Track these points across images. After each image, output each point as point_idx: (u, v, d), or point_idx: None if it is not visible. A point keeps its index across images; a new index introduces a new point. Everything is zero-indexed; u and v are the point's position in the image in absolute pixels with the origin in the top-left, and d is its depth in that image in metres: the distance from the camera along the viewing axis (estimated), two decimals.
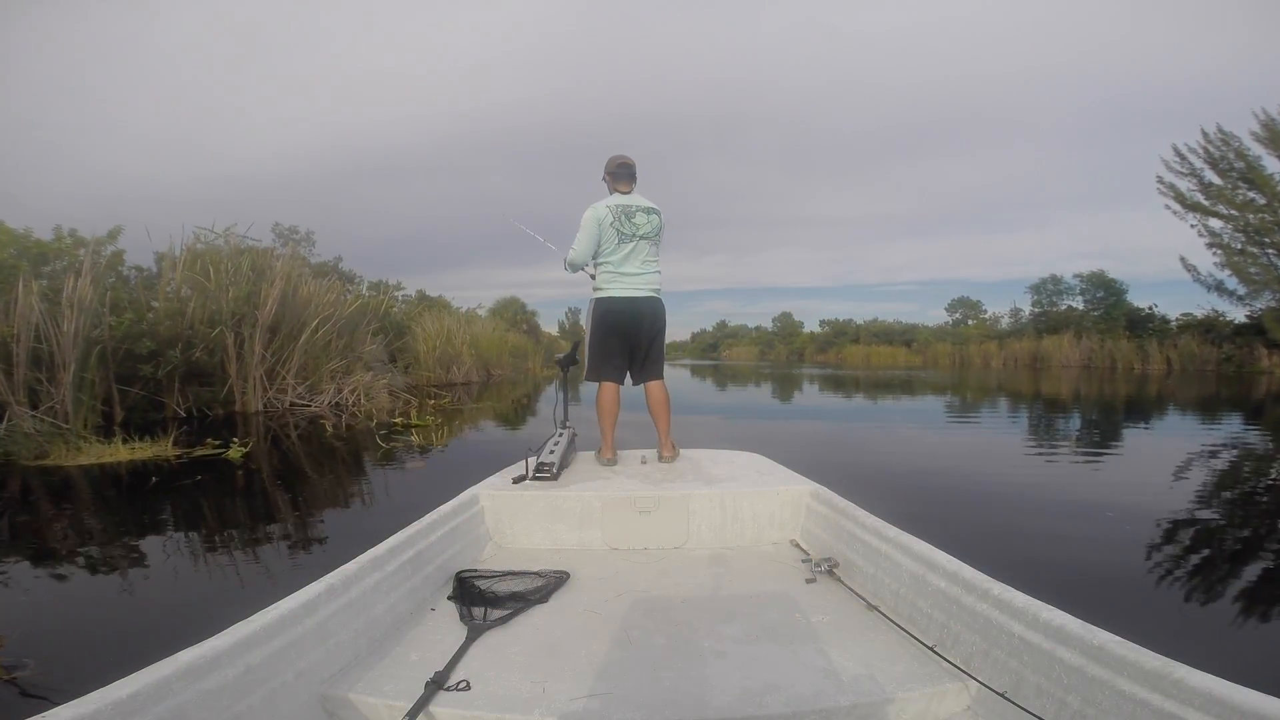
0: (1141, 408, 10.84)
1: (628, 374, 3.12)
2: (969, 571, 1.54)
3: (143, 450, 5.41)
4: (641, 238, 2.99)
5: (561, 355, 3.45)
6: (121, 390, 7.38)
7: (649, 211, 3.03)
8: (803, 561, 2.18)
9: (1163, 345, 25.22)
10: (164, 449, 5.47)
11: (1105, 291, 31.08)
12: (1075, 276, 32.58)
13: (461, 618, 1.74)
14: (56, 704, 0.94)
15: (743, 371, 27.65)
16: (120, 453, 5.31)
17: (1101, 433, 7.63)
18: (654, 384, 3.08)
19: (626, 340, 3.04)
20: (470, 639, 1.61)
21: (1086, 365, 26.94)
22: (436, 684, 1.36)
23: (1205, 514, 3.67)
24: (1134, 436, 7.44)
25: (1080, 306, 32.11)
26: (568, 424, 3.15)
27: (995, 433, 7.42)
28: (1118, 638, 1.16)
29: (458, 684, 1.38)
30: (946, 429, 7.86)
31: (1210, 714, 0.95)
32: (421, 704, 1.28)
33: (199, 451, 5.47)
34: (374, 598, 1.63)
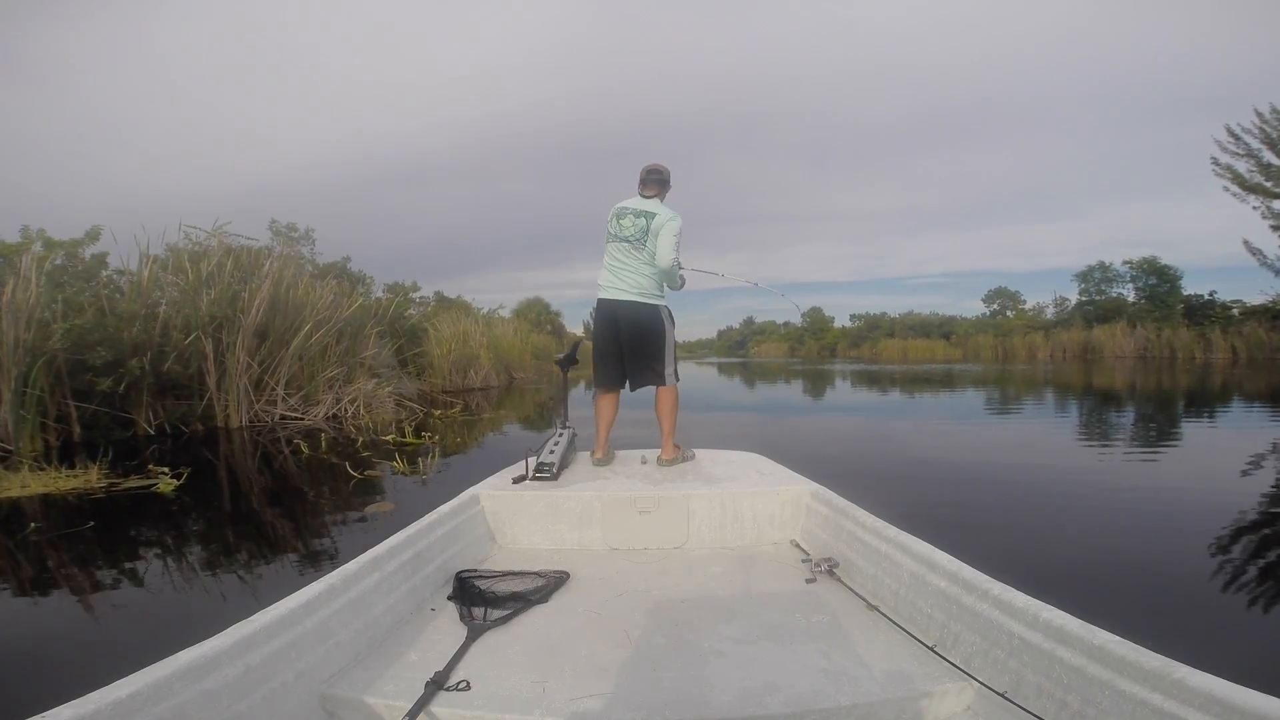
0: (1239, 400, 9.95)
1: (626, 378, 3.04)
2: (969, 571, 1.50)
3: (63, 480, 4.41)
4: (622, 239, 2.92)
5: (561, 355, 3.44)
6: (80, 407, 6.48)
7: (639, 214, 2.93)
8: (803, 561, 2.14)
9: (1226, 333, 23.76)
10: (91, 478, 4.46)
11: (1159, 279, 29.38)
12: (1125, 264, 30.99)
13: (461, 618, 1.72)
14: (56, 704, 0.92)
15: (773, 369, 26.47)
16: (33, 484, 4.28)
17: (1213, 434, 6.68)
18: (663, 389, 2.99)
19: (612, 343, 2.97)
20: (470, 639, 1.60)
21: (1142, 355, 25.51)
22: (436, 684, 1.34)
23: None
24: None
25: (1131, 295, 30.46)
26: (568, 424, 3.10)
27: (1091, 443, 6.29)
28: (1118, 638, 1.12)
29: (458, 684, 1.37)
30: (1029, 432, 6.87)
31: (1210, 714, 0.92)
32: (421, 704, 1.27)
33: (131, 482, 4.42)
34: (374, 598, 1.63)
